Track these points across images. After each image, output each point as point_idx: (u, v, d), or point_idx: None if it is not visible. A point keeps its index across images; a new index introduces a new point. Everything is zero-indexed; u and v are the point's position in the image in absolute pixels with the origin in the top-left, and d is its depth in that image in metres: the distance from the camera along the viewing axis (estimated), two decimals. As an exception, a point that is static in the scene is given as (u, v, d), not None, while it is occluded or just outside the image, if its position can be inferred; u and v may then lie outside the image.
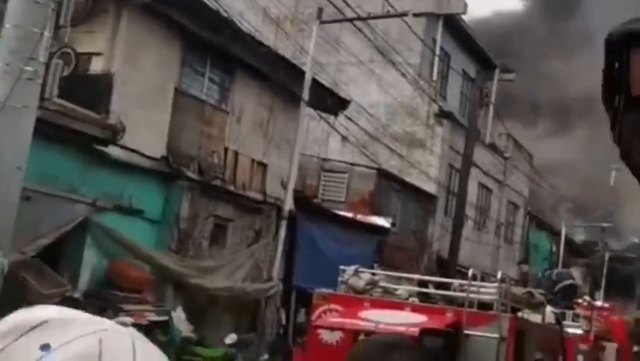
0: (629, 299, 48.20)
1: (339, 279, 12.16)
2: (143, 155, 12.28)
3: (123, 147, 11.73)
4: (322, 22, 17.20)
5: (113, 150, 11.54)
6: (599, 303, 23.21)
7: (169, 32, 12.81)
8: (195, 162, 13.53)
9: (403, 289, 11.86)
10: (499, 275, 11.57)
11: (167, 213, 12.94)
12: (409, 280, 12.67)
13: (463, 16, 26.05)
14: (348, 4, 17.63)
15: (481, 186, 27.39)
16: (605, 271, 39.27)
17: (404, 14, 18.31)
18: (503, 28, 38.06)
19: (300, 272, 16.37)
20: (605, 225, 40.17)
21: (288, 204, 15.68)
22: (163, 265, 12.51)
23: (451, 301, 11.63)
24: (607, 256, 40.00)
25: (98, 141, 11.31)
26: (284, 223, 15.60)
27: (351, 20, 18.79)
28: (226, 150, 14.44)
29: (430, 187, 23.42)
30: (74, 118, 10.76)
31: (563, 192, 34.92)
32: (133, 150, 12.01)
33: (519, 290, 13.03)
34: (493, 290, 11.06)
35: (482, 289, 11.16)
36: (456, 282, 12.15)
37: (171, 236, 12.97)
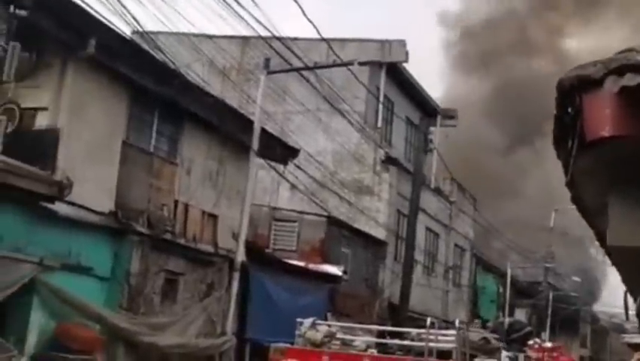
0: (573, 337, 49.00)
1: (296, 332, 12.01)
2: (91, 210, 11.95)
3: (70, 203, 11.39)
4: (270, 73, 17.19)
5: (59, 207, 11.18)
6: (548, 344, 23.48)
7: (115, 85, 12.61)
8: (145, 215, 13.24)
9: (360, 341, 11.78)
10: (457, 323, 11.62)
11: (117, 269, 12.58)
12: (367, 331, 12.62)
13: (405, 65, 26.55)
14: (294, 54, 17.73)
15: (429, 230, 27.61)
16: (549, 311, 39.84)
17: (350, 63, 18.46)
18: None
19: (253, 325, 16.08)
20: (547, 265, 40.85)
21: (240, 256, 15.45)
22: (113, 324, 12.11)
23: (409, 350, 11.62)
24: (551, 296, 40.63)
25: (45, 198, 10.95)
26: (236, 275, 15.35)
27: (298, 70, 18.89)
28: (176, 202, 14.20)
29: (379, 233, 23.48)
30: (19, 175, 10.40)
31: (506, 234, 35.44)
32: (80, 206, 11.68)
33: (475, 336, 13.10)
34: (452, 338, 11.09)
35: (440, 338, 11.17)
36: (414, 331, 12.13)
37: (121, 293, 12.59)
